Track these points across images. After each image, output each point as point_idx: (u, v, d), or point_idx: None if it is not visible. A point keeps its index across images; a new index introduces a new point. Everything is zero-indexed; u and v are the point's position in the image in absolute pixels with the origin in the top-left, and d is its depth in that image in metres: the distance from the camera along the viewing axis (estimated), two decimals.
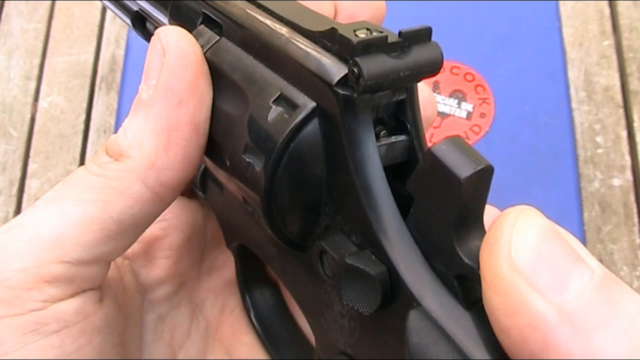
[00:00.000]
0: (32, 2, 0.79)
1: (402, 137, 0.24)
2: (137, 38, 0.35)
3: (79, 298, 0.26)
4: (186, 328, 0.34)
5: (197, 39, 0.28)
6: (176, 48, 0.26)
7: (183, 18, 0.30)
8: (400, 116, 0.24)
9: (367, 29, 0.23)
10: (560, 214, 0.63)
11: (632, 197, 0.65)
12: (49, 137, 0.72)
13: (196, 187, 0.33)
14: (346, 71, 0.23)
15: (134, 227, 0.27)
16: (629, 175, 0.66)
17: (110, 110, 0.72)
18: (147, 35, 0.34)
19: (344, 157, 0.24)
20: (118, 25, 0.76)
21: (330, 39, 0.23)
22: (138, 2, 0.33)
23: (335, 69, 0.23)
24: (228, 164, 0.27)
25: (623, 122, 0.68)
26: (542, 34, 0.72)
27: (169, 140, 0.26)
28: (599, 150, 0.67)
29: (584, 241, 0.62)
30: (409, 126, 0.24)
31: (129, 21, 0.34)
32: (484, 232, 0.22)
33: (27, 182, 0.70)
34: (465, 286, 0.21)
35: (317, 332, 0.28)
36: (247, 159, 0.25)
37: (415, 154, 0.24)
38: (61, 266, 0.25)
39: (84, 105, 0.73)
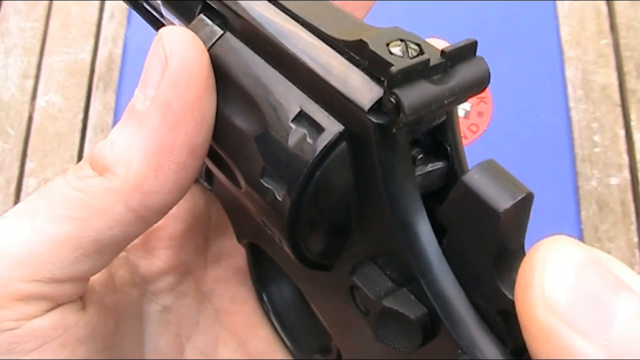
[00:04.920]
0: (29, 1, 0.79)
1: (439, 164, 0.22)
2: (135, 37, 0.34)
3: (55, 312, 0.24)
4: (194, 318, 0.32)
5: (196, 32, 0.24)
6: (180, 60, 0.23)
7: (178, 3, 0.27)
8: (439, 137, 0.22)
9: (401, 40, 0.20)
10: (558, 213, 0.64)
11: (630, 196, 0.65)
12: (47, 136, 0.71)
13: (201, 177, 0.30)
14: (380, 94, 0.20)
15: (113, 246, 0.25)
16: (626, 173, 0.66)
17: (108, 109, 0.72)
18: (136, 4, 0.31)
19: (377, 188, 0.21)
20: (115, 24, 0.75)
21: (359, 53, 0.20)
22: None
23: (366, 91, 0.20)
24: (242, 184, 0.24)
25: (620, 120, 0.68)
26: (539, 32, 0.72)
27: (160, 163, 0.23)
28: (597, 149, 0.67)
29: (581, 240, 0.62)
30: (448, 149, 0.22)
31: None
32: None
33: (25, 180, 0.70)
34: (510, 323, 0.19)
35: (342, 343, 0.26)
36: (266, 185, 0.23)
37: (455, 178, 0.22)
38: (32, 285, 0.23)
39: (82, 104, 0.73)
